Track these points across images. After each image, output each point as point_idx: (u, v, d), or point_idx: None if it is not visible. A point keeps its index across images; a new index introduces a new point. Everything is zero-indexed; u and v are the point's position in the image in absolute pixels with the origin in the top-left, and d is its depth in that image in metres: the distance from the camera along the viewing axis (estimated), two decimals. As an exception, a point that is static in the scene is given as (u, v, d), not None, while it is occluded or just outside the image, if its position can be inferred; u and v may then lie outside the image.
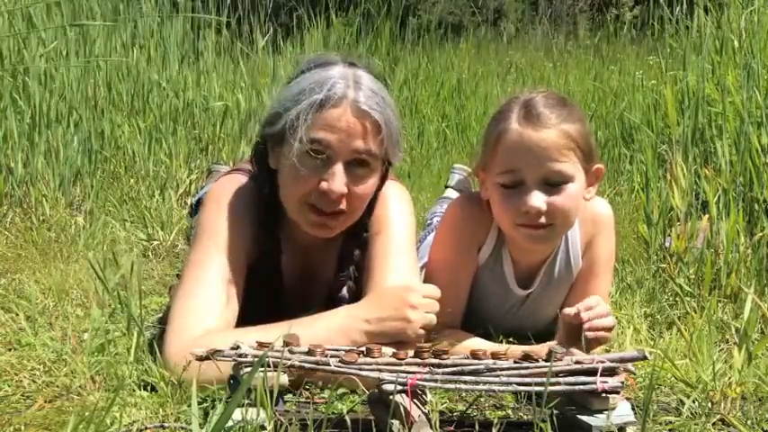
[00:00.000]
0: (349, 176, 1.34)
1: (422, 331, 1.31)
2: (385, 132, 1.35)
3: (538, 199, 1.37)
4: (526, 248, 1.52)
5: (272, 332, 1.19)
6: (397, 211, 1.48)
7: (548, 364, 1.09)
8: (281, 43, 4.61)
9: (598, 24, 7.38)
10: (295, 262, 1.50)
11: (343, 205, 1.35)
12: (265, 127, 1.40)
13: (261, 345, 1.09)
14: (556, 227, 1.42)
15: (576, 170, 1.40)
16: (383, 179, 1.47)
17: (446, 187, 2.73)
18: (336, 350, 1.10)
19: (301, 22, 4.77)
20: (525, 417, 1.21)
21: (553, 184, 1.38)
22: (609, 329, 1.35)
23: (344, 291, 1.47)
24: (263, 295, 1.45)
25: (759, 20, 2.88)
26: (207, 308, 1.30)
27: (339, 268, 1.49)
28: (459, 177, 2.70)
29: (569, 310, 1.35)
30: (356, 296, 1.45)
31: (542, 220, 1.39)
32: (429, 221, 2.25)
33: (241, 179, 1.46)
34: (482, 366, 1.08)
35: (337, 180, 1.32)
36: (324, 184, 1.32)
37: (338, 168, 1.32)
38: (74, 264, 1.97)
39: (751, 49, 2.66)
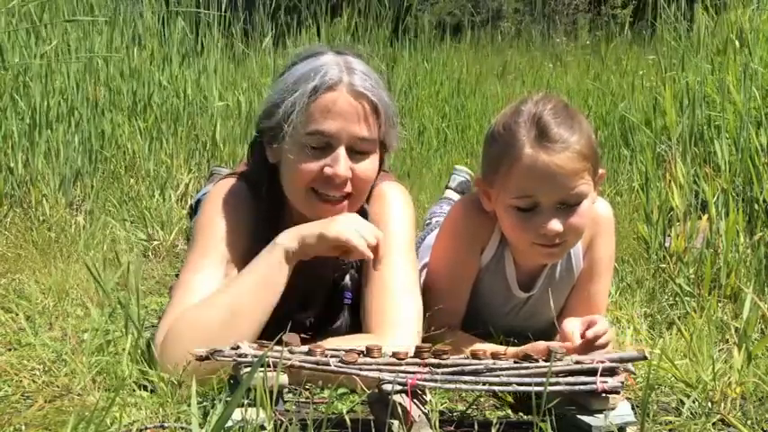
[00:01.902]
0: (351, 159, 1.35)
1: (361, 240, 1.29)
2: (382, 113, 1.36)
3: (556, 223, 1.37)
4: (535, 261, 1.52)
5: (229, 290, 1.29)
6: (396, 210, 1.48)
7: (548, 364, 1.09)
8: (282, 42, 4.61)
9: (597, 24, 7.38)
10: None
11: (348, 188, 1.36)
12: (262, 121, 1.41)
13: (261, 345, 1.09)
14: (569, 242, 1.43)
15: (589, 187, 1.39)
16: (380, 165, 1.47)
17: (446, 188, 2.72)
18: (336, 350, 1.10)
19: (302, 22, 4.77)
20: (525, 417, 1.21)
21: (569, 205, 1.38)
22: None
23: (347, 279, 1.47)
24: None
25: (759, 20, 2.88)
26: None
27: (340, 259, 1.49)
28: (460, 179, 2.70)
29: (570, 334, 1.34)
30: (358, 286, 1.45)
31: (557, 239, 1.40)
32: (428, 221, 2.25)
33: (237, 182, 1.46)
34: (482, 366, 1.08)
35: (341, 164, 1.33)
36: (328, 170, 1.33)
37: (341, 152, 1.34)
38: (74, 264, 1.97)
39: (750, 49, 2.66)
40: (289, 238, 1.31)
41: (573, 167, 1.35)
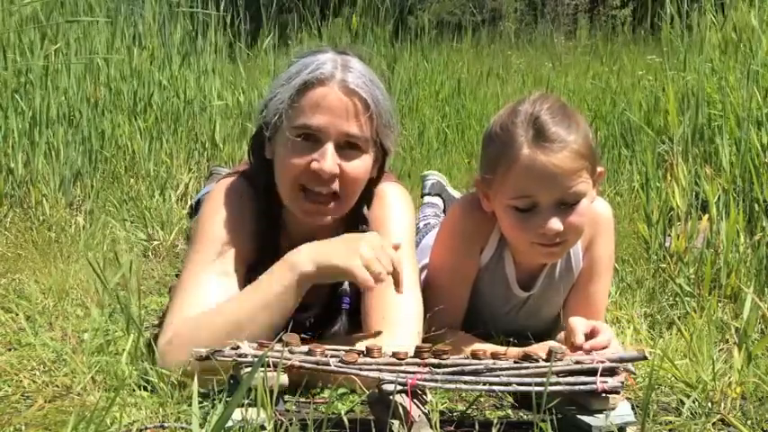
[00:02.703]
0: (340, 157, 1.34)
1: (367, 274, 1.23)
2: (374, 111, 1.35)
3: (555, 222, 1.37)
4: (535, 260, 1.52)
5: (240, 298, 1.26)
6: (396, 211, 1.48)
7: (548, 364, 1.09)
8: (283, 42, 4.62)
9: (597, 24, 7.38)
10: None
11: (335, 186, 1.35)
12: (258, 116, 1.42)
13: (261, 345, 1.09)
14: (569, 241, 1.43)
15: (587, 186, 1.39)
16: (381, 170, 1.47)
17: (422, 196, 2.73)
18: (336, 350, 1.10)
19: (302, 22, 4.77)
20: (525, 417, 1.21)
21: (568, 204, 1.38)
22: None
23: (345, 284, 1.47)
24: None
25: (760, 20, 2.88)
26: (204, 306, 1.30)
27: None
28: (431, 182, 2.71)
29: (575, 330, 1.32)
30: (357, 290, 1.45)
31: (557, 239, 1.40)
32: (417, 225, 2.25)
33: (238, 182, 1.46)
34: (482, 366, 1.08)
35: (328, 159, 1.32)
36: (315, 164, 1.32)
37: (329, 148, 1.32)
38: (74, 264, 1.97)
39: (752, 48, 2.66)
40: (306, 261, 1.26)
41: (571, 167, 1.35)
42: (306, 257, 1.26)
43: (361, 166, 1.37)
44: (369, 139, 1.37)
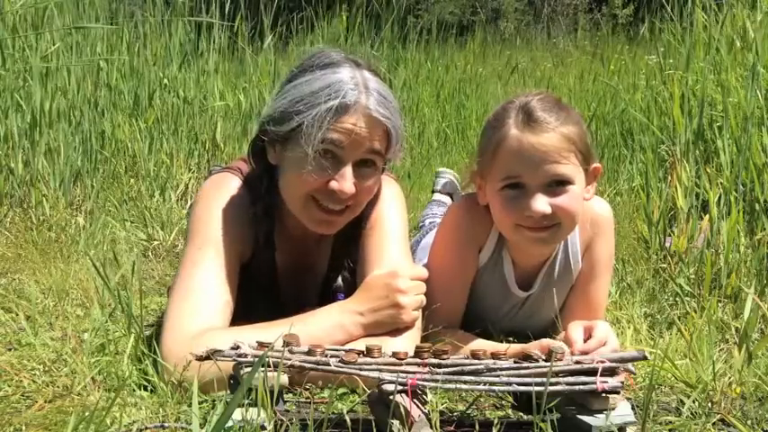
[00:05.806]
0: (356, 175, 1.36)
1: (416, 314, 1.35)
2: (393, 137, 1.38)
3: (542, 203, 1.37)
4: (527, 250, 1.52)
5: (269, 331, 1.20)
6: (389, 207, 1.50)
7: (548, 364, 1.09)
8: (284, 43, 4.62)
9: (597, 24, 7.38)
10: (289, 257, 1.51)
11: (350, 202, 1.37)
12: (270, 124, 1.38)
13: (261, 345, 1.09)
14: (561, 227, 1.42)
15: (576, 171, 1.39)
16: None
17: (433, 192, 2.74)
18: (336, 350, 1.10)
19: (304, 23, 4.77)
20: (525, 417, 1.21)
21: (555, 186, 1.38)
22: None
23: (339, 281, 1.49)
24: (259, 291, 1.45)
25: (762, 20, 2.88)
26: (202, 306, 1.30)
27: (333, 259, 1.50)
28: (444, 180, 2.72)
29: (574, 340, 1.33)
30: (352, 287, 1.45)
31: (545, 222, 1.39)
32: (421, 224, 2.25)
33: (231, 178, 1.46)
34: (482, 366, 1.08)
35: (348, 181, 1.34)
36: (333, 184, 1.34)
37: (348, 170, 1.34)
38: (74, 264, 1.97)
39: (756, 48, 2.65)
40: (354, 325, 1.31)
41: (557, 146, 1.37)
42: (354, 320, 1.31)
43: (374, 183, 1.41)
44: (383, 158, 1.40)
